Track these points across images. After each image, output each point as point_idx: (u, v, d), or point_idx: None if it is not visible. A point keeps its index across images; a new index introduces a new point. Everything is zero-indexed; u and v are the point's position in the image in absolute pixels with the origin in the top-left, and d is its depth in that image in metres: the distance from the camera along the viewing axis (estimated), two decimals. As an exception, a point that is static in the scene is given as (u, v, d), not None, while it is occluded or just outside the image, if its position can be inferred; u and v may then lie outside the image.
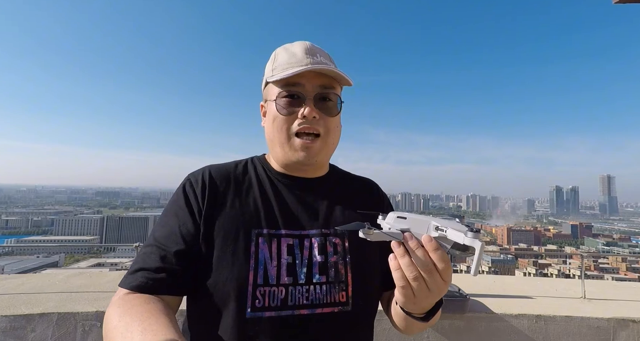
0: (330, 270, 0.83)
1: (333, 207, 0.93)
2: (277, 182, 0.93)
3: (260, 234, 0.82)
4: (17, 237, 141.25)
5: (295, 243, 0.84)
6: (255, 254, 0.80)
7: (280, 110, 0.86)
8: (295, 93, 0.85)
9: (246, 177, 0.93)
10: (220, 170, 0.92)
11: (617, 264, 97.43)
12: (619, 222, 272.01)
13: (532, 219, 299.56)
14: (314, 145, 0.86)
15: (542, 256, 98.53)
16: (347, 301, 0.82)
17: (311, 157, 0.86)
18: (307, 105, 0.84)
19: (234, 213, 0.84)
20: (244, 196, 0.88)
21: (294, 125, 0.85)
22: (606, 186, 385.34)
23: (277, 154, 0.91)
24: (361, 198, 0.99)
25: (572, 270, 69.86)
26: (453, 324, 2.12)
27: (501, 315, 2.13)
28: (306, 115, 0.84)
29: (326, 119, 0.87)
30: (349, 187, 1.01)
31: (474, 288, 2.48)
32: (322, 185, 0.96)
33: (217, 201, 0.86)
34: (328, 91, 0.87)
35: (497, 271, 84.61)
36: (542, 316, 2.14)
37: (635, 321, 2.14)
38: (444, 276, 0.61)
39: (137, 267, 0.78)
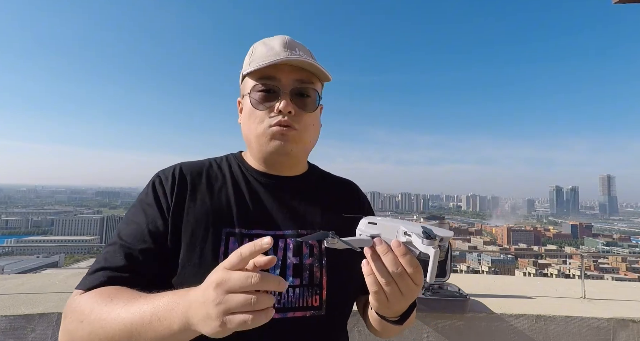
0: (305, 272, 0.80)
1: (311, 207, 0.89)
2: (252, 179, 0.88)
3: (232, 233, 0.78)
4: (17, 237, 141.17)
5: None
6: (224, 255, 0.75)
7: (255, 104, 0.83)
8: (270, 87, 0.82)
9: (220, 174, 0.88)
10: (192, 167, 0.88)
11: (617, 264, 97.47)
12: (619, 222, 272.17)
13: (532, 219, 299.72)
14: (289, 133, 0.82)
15: (542, 256, 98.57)
16: (320, 305, 0.79)
17: (286, 146, 0.82)
18: (283, 99, 0.81)
19: (204, 211, 0.80)
20: (217, 193, 0.84)
21: (270, 120, 0.82)
22: (606, 186, 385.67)
23: (254, 149, 0.87)
24: (341, 199, 0.96)
25: (572, 270, 69.94)
26: (453, 324, 2.12)
27: (501, 315, 2.13)
28: (281, 110, 0.80)
29: (303, 115, 0.84)
30: (328, 187, 0.98)
31: (474, 288, 2.48)
32: (300, 184, 0.92)
33: (187, 198, 0.81)
34: (306, 86, 0.84)
35: (497, 271, 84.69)
36: (542, 316, 2.14)
37: (635, 321, 2.15)
38: (415, 280, 0.60)
39: (98, 267, 0.73)
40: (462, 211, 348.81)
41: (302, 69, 0.83)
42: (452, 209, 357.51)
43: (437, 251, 0.56)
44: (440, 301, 2.10)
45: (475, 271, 79.35)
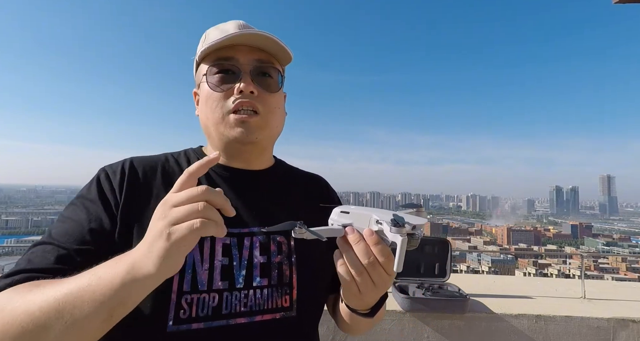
0: (273, 271, 0.74)
1: (278, 203, 0.83)
2: (214, 174, 0.81)
3: None
4: (17, 237, 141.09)
5: (233, 242, 0.72)
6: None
7: (212, 87, 0.76)
8: (229, 68, 0.76)
9: (178, 169, 0.80)
10: (145, 161, 0.79)
11: (617, 264, 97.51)
12: (619, 222, 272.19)
13: (532, 219, 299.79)
14: (252, 119, 0.75)
15: (542, 256, 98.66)
16: (290, 306, 0.73)
17: (249, 133, 0.75)
18: (244, 80, 0.75)
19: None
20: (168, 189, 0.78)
21: (229, 103, 0.75)
22: (606, 186, 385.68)
23: (214, 140, 0.80)
24: (310, 194, 0.90)
25: (572, 270, 69.94)
26: (453, 324, 2.12)
27: (501, 315, 2.13)
28: (242, 90, 0.74)
29: (266, 96, 0.77)
30: (297, 181, 0.92)
31: (474, 288, 2.48)
32: (266, 178, 0.85)
33: (139, 195, 0.73)
34: (267, 65, 0.78)
35: (497, 271, 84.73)
36: (542, 316, 2.14)
37: (635, 321, 2.15)
38: (387, 270, 0.58)
39: (17, 269, 0.61)
40: (462, 211, 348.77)
41: (260, 50, 0.78)
42: (452, 209, 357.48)
43: (404, 239, 0.54)
44: (440, 301, 2.10)
45: (475, 271, 79.35)
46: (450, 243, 2.47)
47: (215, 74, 0.76)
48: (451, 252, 2.40)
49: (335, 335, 2.10)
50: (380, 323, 2.12)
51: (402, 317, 2.12)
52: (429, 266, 2.39)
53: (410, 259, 2.41)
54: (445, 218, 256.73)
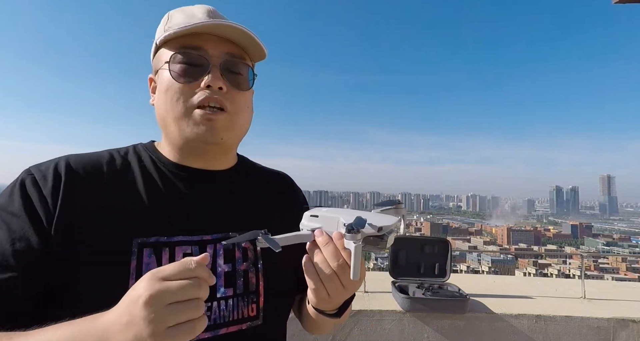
0: (239, 280, 0.69)
1: (242, 206, 0.76)
2: (171, 175, 0.72)
3: (146, 244, 0.62)
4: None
5: (195, 251, 0.66)
6: (136, 271, 0.60)
7: (176, 76, 0.67)
8: (196, 59, 0.67)
9: (127, 169, 0.70)
10: (84, 161, 0.67)
11: (617, 264, 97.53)
12: (619, 222, 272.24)
13: (532, 219, 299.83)
14: (218, 117, 0.67)
15: (542, 256, 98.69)
16: (257, 314, 0.70)
17: (215, 133, 0.68)
18: (213, 74, 0.66)
19: (105, 219, 0.62)
20: (122, 195, 0.66)
21: (195, 97, 0.66)
22: (606, 186, 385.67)
23: (173, 134, 0.70)
24: (275, 193, 0.85)
25: (572, 270, 69.99)
26: (453, 324, 2.12)
27: (501, 315, 2.13)
28: (211, 84, 0.66)
29: (235, 94, 0.70)
30: (261, 181, 0.85)
31: (474, 288, 2.48)
32: (228, 179, 0.78)
33: (80, 202, 0.61)
34: (238, 61, 0.71)
35: (497, 271, 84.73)
36: (542, 316, 2.14)
37: (635, 321, 2.15)
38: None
39: None
40: (462, 211, 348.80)
41: (231, 43, 0.70)
42: (452, 209, 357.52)
43: (358, 246, 0.52)
44: (440, 301, 2.10)
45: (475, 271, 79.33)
46: (450, 243, 2.47)
47: (180, 63, 0.67)
48: (451, 251, 2.41)
49: (335, 334, 2.10)
50: (380, 323, 2.12)
51: (402, 317, 2.12)
52: (429, 266, 2.39)
53: (410, 259, 2.42)
54: (445, 218, 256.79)
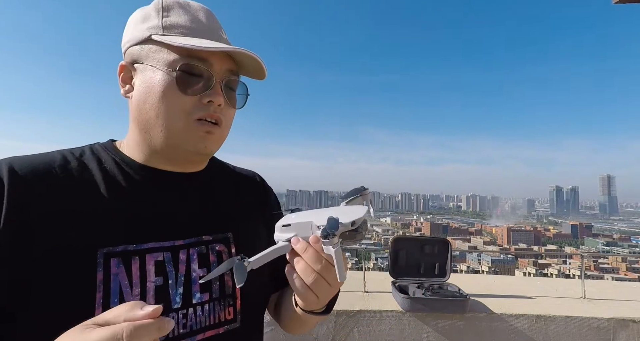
0: (214, 284, 0.67)
1: (214, 207, 0.75)
2: (136, 177, 0.68)
3: (112, 254, 0.58)
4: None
5: (167, 257, 0.63)
6: (104, 284, 0.56)
7: (182, 87, 0.64)
8: (203, 72, 0.66)
9: (84, 172, 0.64)
10: (32, 164, 0.60)
11: (617, 264, 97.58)
12: (619, 222, 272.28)
13: (532, 219, 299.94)
14: (215, 132, 0.68)
15: (542, 256, 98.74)
16: (234, 317, 0.68)
17: (209, 146, 0.69)
18: (215, 90, 0.67)
19: (62, 228, 0.56)
20: (81, 200, 0.60)
21: (196, 110, 0.65)
22: (606, 186, 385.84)
23: (155, 139, 0.66)
24: (245, 193, 0.83)
25: (572, 270, 70.01)
26: (453, 324, 2.12)
27: (501, 315, 2.14)
28: (213, 101, 0.66)
29: (228, 110, 0.71)
30: (231, 181, 0.84)
31: (474, 288, 2.48)
32: (198, 181, 0.75)
33: (31, 209, 0.56)
34: (235, 78, 0.72)
35: (497, 271, 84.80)
36: (542, 316, 2.15)
37: (635, 321, 2.15)
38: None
39: None
40: (462, 211, 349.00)
41: (231, 58, 0.70)
42: (452, 209, 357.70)
43: (338, 250, 0.52)
44: (440, 301, 2.10)
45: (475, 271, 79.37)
46: (450, 243, 2.48)
47: (187, 73, 0.65)
48: (451, 251, 2.41)
49: (335, 335, 2.10)
50: (380, 323, 2.13)
51: (402, 317, 2.12)
52: (429, 266, 2.40)
53: (410, 259, 2.42)
54: (445, 218, 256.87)
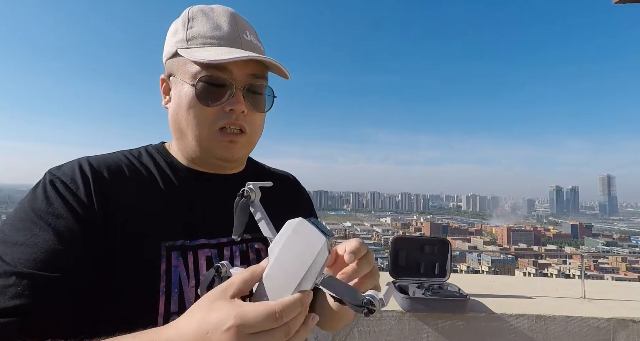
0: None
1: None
2: (187, 179, 0.74)
3: (173, 247, 0.65)
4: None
5: (214, 254, 0.69)
6: (166, 274, 0.62)
7: (201, 98, 0.68)
8: (222, 81, 0.68)
9: (145, 171, 0.72)
10: (106, 162, 0.69)
11: (617, 264, 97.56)
12: (619, 222, 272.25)
13: (532, 219, 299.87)
14: (239, 140, 0.71)
15: (542, 256, 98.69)
16: None
17: (235, 154, 0.72)
18: (237, 98, 0.69)
19: (135, 222, 0.64)
20: (146, 198, 0.68)
21: (217, 120, 0.69)
22: (606, 186, 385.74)
23: (189, 147, 0.73)
24: (282, 194, 0.86)
25: (572, 270, 69.96)
26: (453, 324, 2.12)
27: (501, 315, 2.14)
28: (235, 110, 0.69)
29: (254, 115, 0.73)
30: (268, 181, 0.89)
31: (474, 288, 2.49)
32: (241, 183, 0.75)
33: (111, 205, 0.63)
34: (260, 82, 0.73)
35: (497, 271, 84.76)
36: (542, 316, 2.15)
37: (635, 321, 2.15)
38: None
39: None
40: (462, 211, 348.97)
41: (256, 61, 0.71)
42: (452, 209, 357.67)
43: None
44: (440, 301, 2.10)
45: (475, 271, 79.34)
46: (450, 243, 2.48)
47: (206, 83, 0.68)
48: (451, 251, 2.41)
49: (335, 335, 2.10)
50: (380, 323, 2.13)
51: (402, 317, 2.12)
52: (429, 266, 2.40)
53: (410, 259, 2.42)
54: (445, 218, 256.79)
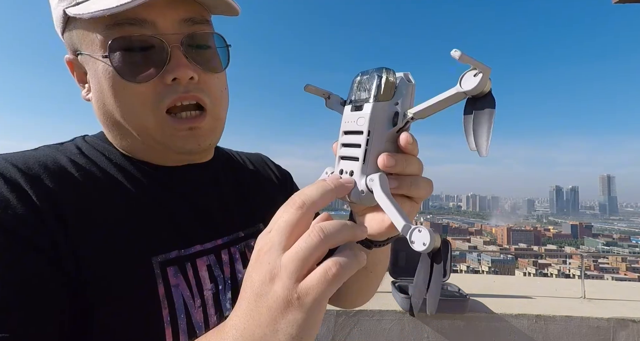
0: None
1: (239, 199, 0.64)
2: (156, 176, 0.56)
3: (167, 261, 0.49)
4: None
5: (212, 261, 0.55)
6: (167, 297, 0.48)
7: (124, 73, 0.48)
8: (146, 40, 0.48)
9: (101, 172, 0.52)
10: (38, 162, 0.48)
11: (617, 264, 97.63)
12: (618, 222, 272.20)
13: (532, 219, 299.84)
14: (202, 124, 0.52)
15: (542, 256, 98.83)
16: None
17: (202, 141, 0.53)
18: (176, 59, 0.49)
19: (111, 237, 0.47)
20: (115, 204, 0.50)
21: (160, 98, 0.49)
22: (606, 186, 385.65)
23: (137, 146, 0.54)
24: (259, 176, 0.74)
25: (572, 270, 70.01)
26: (453, 324, 2.12)
27: (501, 315, 2.14)
28: (179, 78, 0.49)
29: (209, 79, 0.53)
30: (244, 167, 0.73)
31: (474, 288, 2.49)
32: (211, 172, 0.63)
33: (68, 220, 0.45)
34: (200, 28, 0.52)
35: (497, 271, 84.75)
36: (542, 316, 2.15)
37: (635, 321, 2.15)
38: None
39: None
40: (462, 211, 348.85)
41: (184, 1, 0.50)
42: (452, 209, 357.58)
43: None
44: (440, 301, 2.10)
45: (475, 271, 79.35)
46: (450, 243, 2.48)
47: (124, 51, 0.48)
48: (451, 251, 2.41)
49: (335, 335, 2.10)
50: (380, 323, 2.13)
51: (402, 317, 2.12)
52: (429, 266, 2.40)
53: (410, 259, 2.42)
54: (445, 218, 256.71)
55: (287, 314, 0.31)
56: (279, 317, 0.32)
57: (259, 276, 0.33)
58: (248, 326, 0.33)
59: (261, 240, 0.36)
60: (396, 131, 0.41)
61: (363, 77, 0.42)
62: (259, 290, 0.33)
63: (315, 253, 0.32)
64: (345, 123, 0.42)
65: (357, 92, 0.42)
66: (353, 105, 0.42)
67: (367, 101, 0.40)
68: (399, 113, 0.40)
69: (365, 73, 0.42)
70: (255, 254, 0.35)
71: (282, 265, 0.32)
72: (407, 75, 0.42)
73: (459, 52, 0.34)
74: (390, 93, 0.40)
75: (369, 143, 0.40)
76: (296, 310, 0.31)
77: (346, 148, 0.42)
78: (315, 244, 0.32)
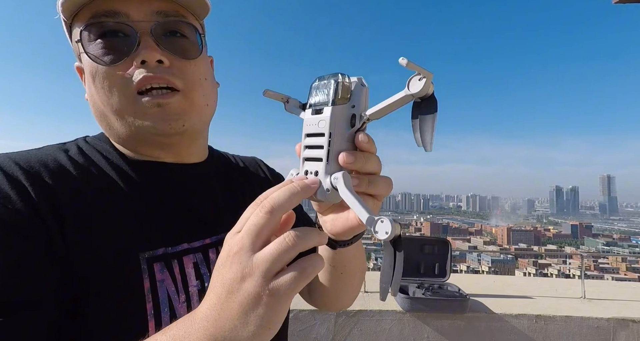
0: None
1: (230, 201, 0.67)
2: (148, 173, 0.59)
3: (154, 258, 0.52)
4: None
5: (199, 259, 0.57)
6: (152, 292, 0.51)
7: (97, 59, 0.52)
8: (115, 29, 0.52)
9: (98, 170, 0.55)
10: (40, 160, 0.51)
11: (617, 264, 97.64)
12: (619, 222, 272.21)
13: (532, 219, 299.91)
14: (171, 100, 0.53)
15: (542, 256, 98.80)
16: None
17: (172, 120, 0.54)
18: (144, 43, 0.52)
19: (102, 233, 0.50)
20: (109, 201, 0.53)
21: (129, 80, 0.52)
22: (606, 186, 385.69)
23: (119, 130, 0.56)
24: (253, 178, 0.77)
25: (572, 270, 70.02)
26: (453, 324, 2.13)
27: (501, 315, 2.14)
28: (145, 59, 0.51)
29: (183, 65, 0.55)
30: (238, 169, 0.76)
31: (474, 288, 2.49)
32: (204, 173, 0.66)
33: (64, 214, 0.48)
34: (174, 20, 0.55)
35: (497, 271, 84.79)
36: (542, 316, 2.15)
37: (635, 321, 2.15)
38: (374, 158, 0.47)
39: None
40: (462, 211, 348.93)
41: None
42: (452, 209, 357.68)
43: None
44: (440, 301, 2.10)
45: (475, 271, 79.38)
46: (450, 243, 2.48)
47: (97, 39, 0.52)
48: (451, 252, 2.41)
49: (335, 335, 2.10)
50: (380, 323, 2.13)
51: (402, 317, 2.12)
52: (429, 266, 2.40)
53: (410, 259, 2.42)
54: (445, 218, 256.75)
55: (258, 309, 0.35)
56: (250, 311, 0.35)
57: (230, 274, 0.36)
58: (219, 318, 0.36)
59: (231, 239, 0.38)
60: (354, 132, 0.45)
61: (321, 82, 0.45)
62: (230, 287, 0.36)
63: (287, 256, 0.36)
64: (307, 126, 0.45)
65: (316, 97, 0.45)
66: (313, 108, 0.45)
67: (326, 104, 0.43)
68: (356, 115, 0.44)
69: (322, 78, 0.45)
70: (225, 253, 0.38)
71: (255, 265, 0.35)
72: (361, 80, 0.46)
73: (406, 60, 0.39)
74: (347, 97, 0.44)
75: (331, 144, 0.43)
76: (266, 305, 0.35)
77: (310, 150, 0.45)
78: (289, 248, 0.36)
